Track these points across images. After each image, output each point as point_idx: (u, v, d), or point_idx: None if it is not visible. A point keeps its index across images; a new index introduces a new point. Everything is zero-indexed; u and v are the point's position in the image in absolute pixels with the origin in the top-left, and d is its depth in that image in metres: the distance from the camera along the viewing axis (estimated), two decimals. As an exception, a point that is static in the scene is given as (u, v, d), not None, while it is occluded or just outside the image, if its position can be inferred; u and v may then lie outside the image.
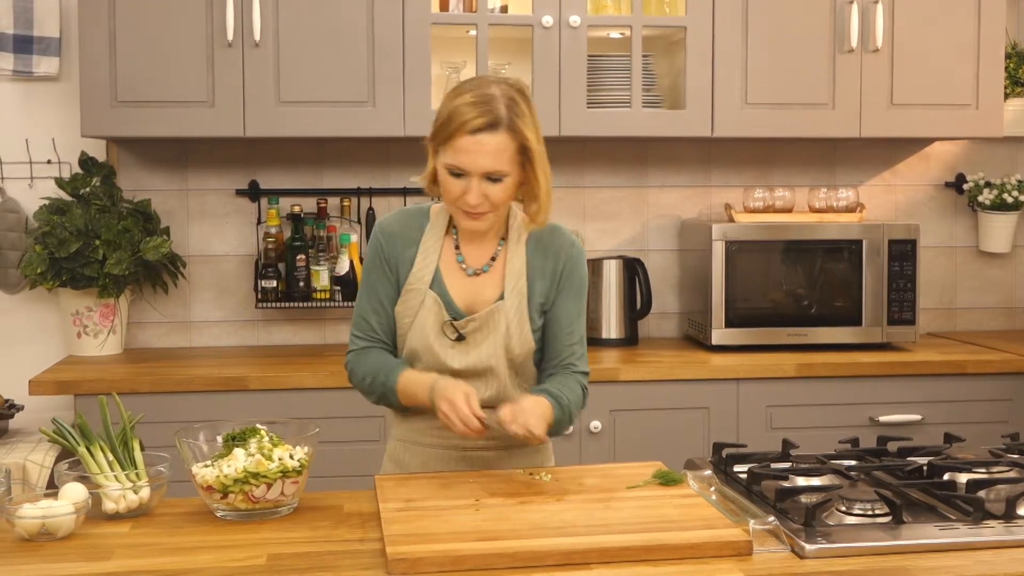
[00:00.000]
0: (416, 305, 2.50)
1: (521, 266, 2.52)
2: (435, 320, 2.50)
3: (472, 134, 2.34)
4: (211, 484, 2.15)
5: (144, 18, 3.76)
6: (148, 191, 4.17)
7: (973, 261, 4.58)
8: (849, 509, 2.12)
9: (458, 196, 2.39)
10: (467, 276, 2.53)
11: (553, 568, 1.89)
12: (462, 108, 2.35)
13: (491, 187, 2.38)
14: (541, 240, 2.55)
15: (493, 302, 2.51)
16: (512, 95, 2.39)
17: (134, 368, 3.80)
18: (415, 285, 2.51)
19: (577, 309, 2.57)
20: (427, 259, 2.52)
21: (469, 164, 2.36)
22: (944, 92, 4.11)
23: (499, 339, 2.49)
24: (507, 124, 2.36)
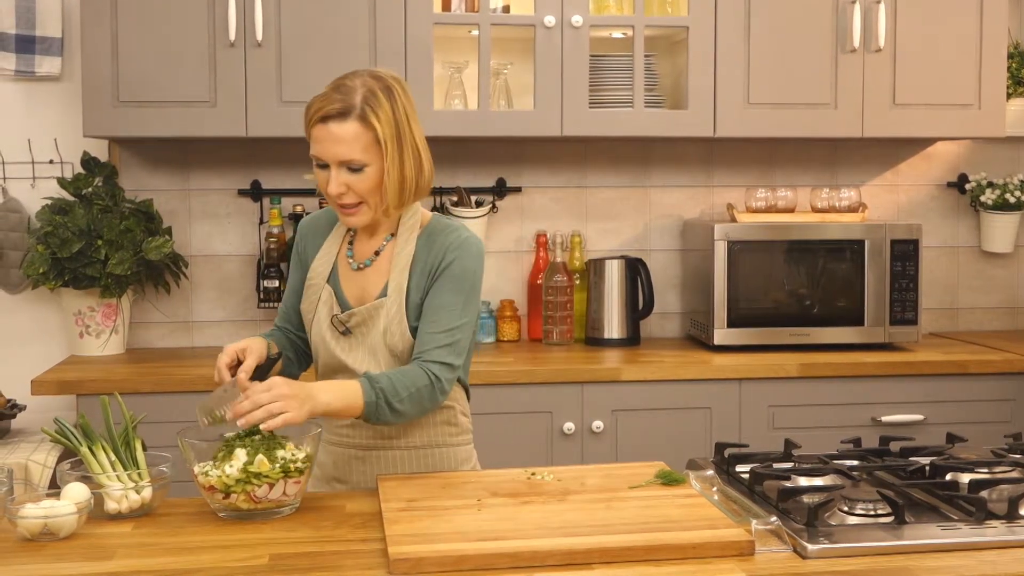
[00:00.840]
0: (315, 300, 2.55)
1: (406, 262, 2.49)
2: (328, 313, 2.53)
3: (323, 122, 2.37)
4: (213, 484, 2.15)
5: (146, 18, 3.76)
6: (150, 191, 4.17)
7: (975, 261, 4.58)
8: (851, 509, 2.12)
9: (324, 187, 2.42)
10: (352, 270, 2.54)
11: (555, 568, 1.89)
12: (317, 98, 2.39)
13: (351, 177, 2.39)
14: (431, 236, 2.52)
15: (377, 297, 2.51)
16: (373, 87, 2.40)
17: (136, 368, 3.80)
18: (314, 280, 2.56)
19: (448, 301, 2.45)
20: (327, 254, 2.57)
21: (322, 152, 2.39)
22: (946, 92, 4.11)
23: (379, 335, 2.48)
24: (358, 113, 2.37)
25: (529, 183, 4.35)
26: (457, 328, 2.45)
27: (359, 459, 2.53)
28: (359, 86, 2.40)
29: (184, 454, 2.22)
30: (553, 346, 4.18)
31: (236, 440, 2.21)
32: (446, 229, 2.53)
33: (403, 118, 2.42)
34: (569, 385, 3.74)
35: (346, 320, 2.50)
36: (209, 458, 2.20)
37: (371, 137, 2.38)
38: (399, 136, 2.40)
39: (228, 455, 2.17)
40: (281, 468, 2.16)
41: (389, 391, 2.33)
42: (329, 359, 2.53)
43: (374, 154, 2.39)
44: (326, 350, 2.52)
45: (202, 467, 2.17)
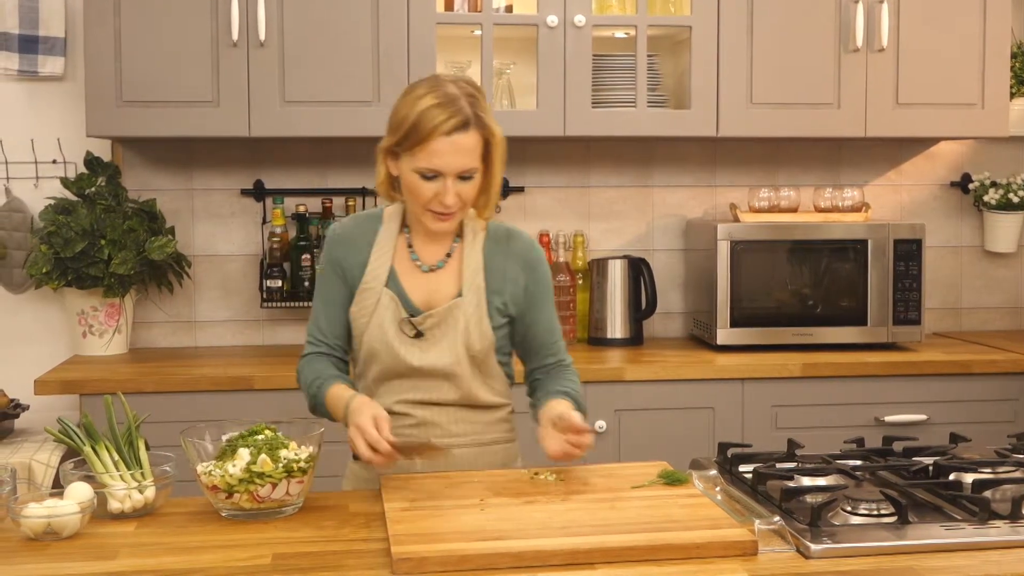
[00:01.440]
0: (372, 304, 2.51)
1: (479, 264, 2.52)
2: (392, 317, 2.50)
3: (447, 135, 2.35)
4: (216, 484, 2.15)
5: (149, 18, 3.76)
6: (153, 191, 4.17)
7: (979, 261, 4.58)
8: (855, 509, 2.12)
9: (430, 199, 2.40)
10: (422, 273, 2.53)
11: (558, 568, 1.89)
12: (431, 111, 2.36)
13: (463, 186, 2.40)
14: (499, 241, 2.56)
15: (451, 298, 2.51)
16: (470, 91, 2.42)
17: (139, 368, 3.80)
18: (370, 284, 2.52)
19: (551, 309, 2.62)
20: (381, 259, 2.53)
21: (445, 165, 2.37)
22: (949, 92, 4.11)
23: (458, 335, 2.49)
24: (475, 121, 2.38)
25: (532, 183, 4.35)
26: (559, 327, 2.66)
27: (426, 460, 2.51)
28: (460, 93, 2.39)
29: (187, 454, 2.22)
30: (556, 346, 4.17)
31: (239, 440, 2.21)
32: (512, 232, 2.59)
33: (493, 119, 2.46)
34: (572, 385, 3.74)
35: (420, 323, 2.49)
36: (212, 458, 2.20)
37: (483, 143, 2.41)
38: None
39: (231, 455, 2.17)
40: (284, 468, 2.16)
41: (581, 400, 2.56)
42: (394, 363, 2.51)
43: (481, 159, 2.42)
44: (390, 354, 2.50)
45: (205, 467, 2.18)
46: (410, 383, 2.52)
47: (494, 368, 2.57)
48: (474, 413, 2.56)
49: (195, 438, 2.24)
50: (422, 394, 2.52)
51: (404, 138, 2.38)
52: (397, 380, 2.53)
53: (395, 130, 2.41)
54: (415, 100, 2.39)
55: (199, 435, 2.26)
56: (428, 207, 2.42)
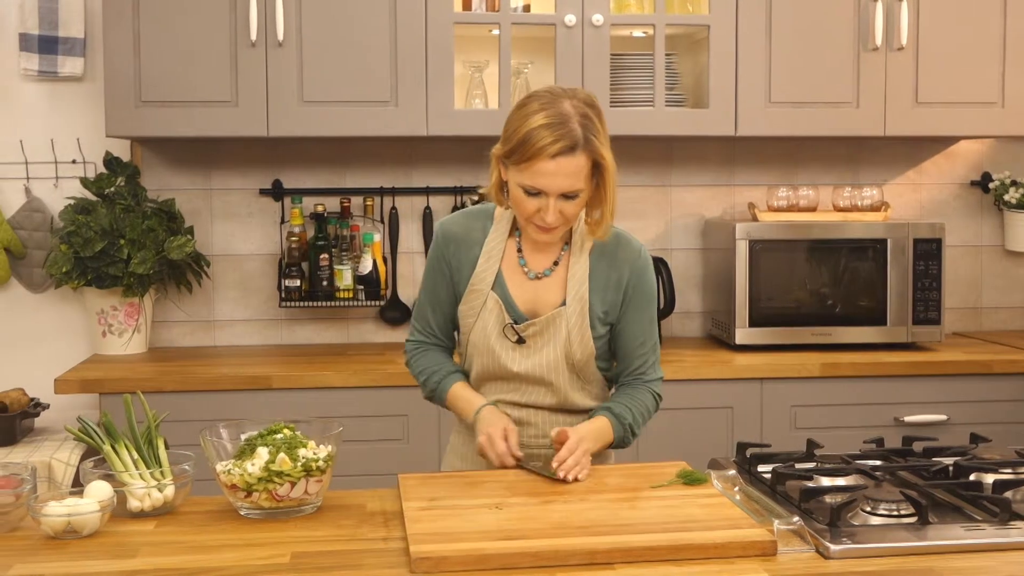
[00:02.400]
0: (478, 306, 2.53)
1: (584, 273, 2.53)
2: (496, 322, 2.52)
3: (552, 158, 2.33)
4: (235, 483, 2.15)
5: (168, 18, 3.78)
6: (172, 191, 4.19)
7: (999, 260, 4.56)
8: (874, 509, 2.11)
9: (532, 213, 2.41)
10: (528, 280, 2.54)
11: (577, 567, 1.88)
12: (539, 132, 2.33)
13: (566, 204, 2.40)
14: (606, 249, 2.55)
15: (555, 307, 2.52)
16: (585, 111, 2.39)
17: (158, 367, 3.81)
18: (477, 286, 2.53)
19: (648, 318, 2.60)
20: (489, 261, 2.53)
21: (548, 186, 2.36)
22: (969, 90, 4.09)
23: (560, 344, 2.51)
24: (584, 144, 2.36)
25: (550, 182, 4.34)
26: (658, 341, 2.64)
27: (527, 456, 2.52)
28: (574, 113, 2.37)
29: (206, 452, 2.22)
30: (574, 345, 4.17)
31: (258, 439, 2.21)
32: (621, 238, 2.57)
33: (608, 135, 2.44)
34: (590, 384, 3.74)
35: (523, 330, 2.51)
36: (231, 457, 2.21)
37: (592, 164, 2.39)
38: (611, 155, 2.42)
39: (250, 454, 2.18)
40: (303, 467, 2.16)
41: (634, 423, 2.57)
42: (494, 367, 2.54)
43: (589, 180, 2.40)
44: (492, 358, 2.53)
45: (224, 465, 2.18)
46: (509, 385, 2.56)
47: (593, 374, 2.59)
48: (570, 417, 2.59)
49: (214, 437, 2.24)
50: (520, 396, 2.56)
51: (512, 151, 2.37)
52: (497, 381, 2.57)
53: (506, 141, 2.40)
54: (527, 116, 2.36)
55: (218, 434, 2.26)
56: (530, 220, 2.43)
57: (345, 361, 3.88)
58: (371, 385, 3.68)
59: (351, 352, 4.08)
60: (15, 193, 4.12)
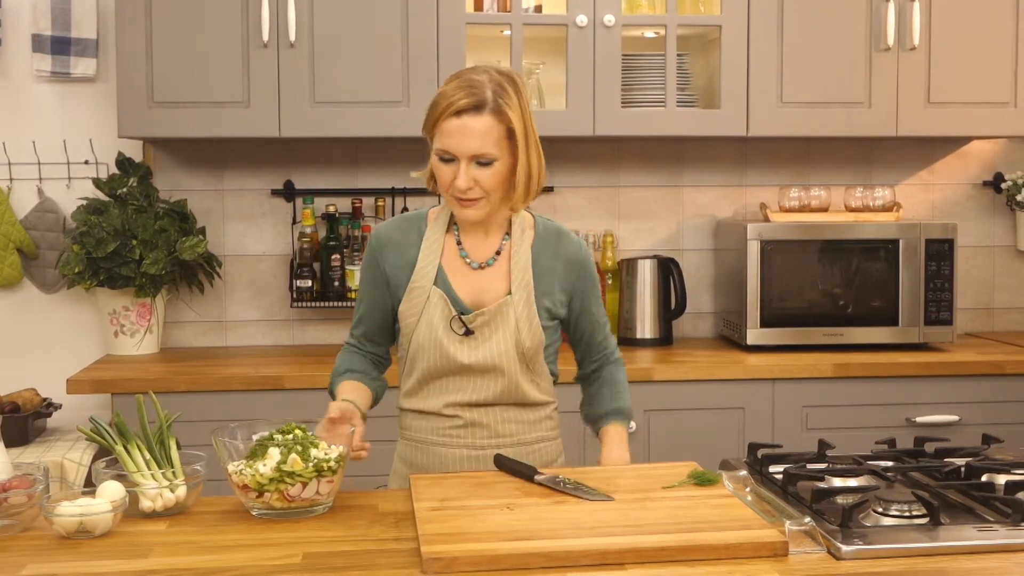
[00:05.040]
0: (421, 303, 2.51)
1: (527, 262, 2.53)
2: (442, 316, 2.50)
3: (457, 115, 2.36)
4: (247, 483, 2.15)
5: (180, 19, 3.79)
6: (184, 191, 4.20)
7: (1011, 260, 4.54)
8: (886, 510, 2.11)
9: (449, 182, 2.41)
10: (472, 270, 2.53)
11: (588, 568, 1.88)
12: (447, 91, 2.38)
13: (480, 171, 2.39)
14: (547, 240, 2.57)
15: (500, 297, 2.51)
16: (500, 81, 2.41)
17: (170, 367, 3.82)
18: (419, 283, 2.51)
19: (598, 302, 2.67)
20: (429, 258, 2.52)
21: (455, 146, 2.37)
22: (982, 90, 4.08)
23: (509, 332, 2.50)
24: (492, 107, 2.37)
25: (561, 183, 4.34)
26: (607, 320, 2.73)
27: (473, 459, 2.54)
28: (487, 81, 2.39)
29: (218, 453, 2.23)
30: (585, 346, 4.17)
31: (269, 439, 2.22)
32: (561, 232, 2.60)
33: (528, 113, 2.44)
34: (601, 385, 3.74)
35: (471, 320, 2.50)
36: (243, 457, 2.21)
37: (503, 131, 2.39)
38: (527, 130, 2.42)
39: (262, 454, 2.18)
40: (314, 467, 2.16)
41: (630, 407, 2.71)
42: (443, 362, 2.51)
43: (504, 148, 2.40)
44: (440, 353, 2.50)
45: (236, 466, 2.18)
46: (458, 382, 2.53)
47: (541, 367, 2.59)
48: (521, 412, 2.57)
49: (226, 437, 2.24)
50: (470, 394, 2.53)
51: (427, 119, 2.42)
52: (445, 379, 2.53)
53: (427, 113, 2.43)
54: (445, 84, 2.42)
55: (230, 435, 2.26)
56: (448, 191, 2.43)
57: (356, 361, 3.88)
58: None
59: (362, 352, 4.08)
60: (28, 194, 4.14)
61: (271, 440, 2.22)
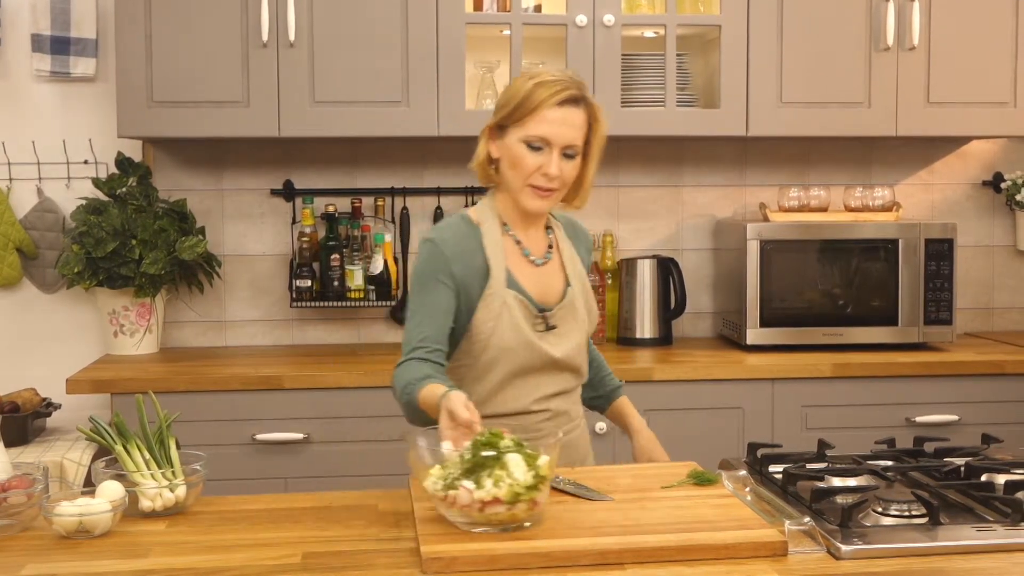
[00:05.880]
0: (498, 307, 2.48)
1: (572, 252, 2.63)
2: (524, 316, 2.50)
3: (560, 105, 2.42)
4: (497, 496, 1.96)
5: (180, 19, 3.78)
6: (184, 191, 4.20)
7: (1011, 260, 4.54)
8: (885, 510, 2.11)
9: (533, 170, 2.44)
10: (535, 267, 2.56)
11: (587, 568, 1.88)
12: (546, 83, 2.43)
13: (564, 163, 2.45)
14: (570, 230, 2.69)
15: (561, 289, 2.58)
16: (581, 80, 2.51)
17: (170, 367, 3.82)
18: (494, 289, 2.48)
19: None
20: (497, 262, 2.50)
21: (554, 135, 2.42)
22: (981, 90, 4.08)
23: (579, 322, 2.58)
24: (585, 101, 2.47)
25: (561, 182, 4.34)
26: None
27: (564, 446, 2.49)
28: (578, 80, 2.50)
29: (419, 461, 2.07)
30: (585, 346, 4.17)
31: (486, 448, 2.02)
32: (574, 219, 2.74)
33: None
34: (601, 385, 3.74)
35: (551, 317, 2.54)
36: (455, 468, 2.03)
37: (587, 126, 2.49)
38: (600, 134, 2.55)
39: (495, 465, 1.99)
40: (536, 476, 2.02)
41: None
42: (535, 360, 2.51)
43: (581, 146, 2.49)
44: (532, 352, 2.50)
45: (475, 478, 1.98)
46: (546, 376, 2.55)
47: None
48: (577, 393, 2.69)
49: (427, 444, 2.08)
50: (555, 386, 2.57)
51: (515, 109, 2.44)
52: (532, 376, 2.52)
53: (504, 106, 2.46)
54: (528, 78, 2.46)
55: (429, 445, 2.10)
56: (529, 181, 2.45)
57: (356, 361, 3.88)
58: (382, 385, 3.67)
59: (362, 352, 4.08)
60: (27, 193, 4.14)
61: (485, 448, 2.02)
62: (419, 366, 2.42)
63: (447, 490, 1.99)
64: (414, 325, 2.47)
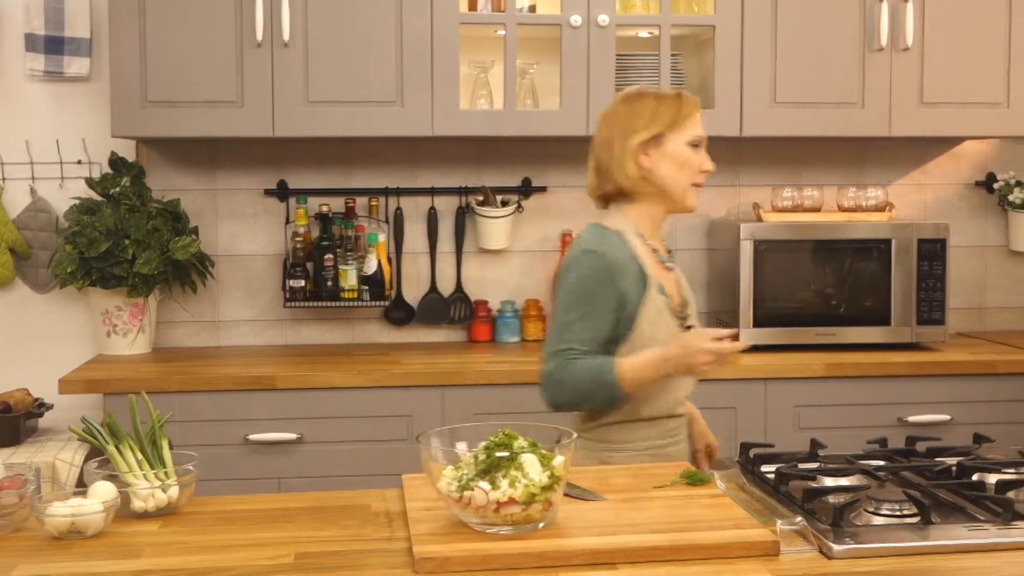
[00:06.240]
0: (655, 313, 2.66)
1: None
2: (674, 318, 2.70)
3: (698, 108, 2.75)
4: (513, 496, 1.95)
5: (174, 19, 3.78)
6: (177, 191, 4.19)
7: (1003, 260, 4.55)
8: (877, 510, 2.11)
9: (697, 166, 2.73)
10: (668, 271, 2.78)
11: (580, 567, 1.89)
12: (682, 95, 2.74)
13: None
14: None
15: (680, 288, 2.81)
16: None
17: (163, 367, 3.82)
18: (651, 296, 2.66)
19: None
20: (650, 269, 2.68)
21: (703, 131, 2.74)
22: (974, 91, 4.09)
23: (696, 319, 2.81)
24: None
25: (555, 183, 4.35)
26: None
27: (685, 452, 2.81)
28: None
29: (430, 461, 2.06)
30: (578, 346, 4.17)
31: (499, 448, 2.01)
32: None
33: None
34: (594, 385, 3.74)
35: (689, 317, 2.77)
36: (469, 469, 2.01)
37: None
38: None
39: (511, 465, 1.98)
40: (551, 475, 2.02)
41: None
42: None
43: None
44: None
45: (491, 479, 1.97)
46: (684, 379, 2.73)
47: None
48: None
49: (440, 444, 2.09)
50: (689, 387, 2.79)
51: (672, 119, 2.69)
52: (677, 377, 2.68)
53: (654, 121, 2.68)
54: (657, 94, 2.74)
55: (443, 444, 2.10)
56: (694, 180, 2.73)
57: (350, 361, 3.88)
58: (376, 385, 3.69)
59: (356, 352, 4.08)
60: (21, 193, 4.13)
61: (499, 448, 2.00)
62: (590, 357, 2.59)
63: (462, 491, 1.98)
64: (577, 328, 2.60)
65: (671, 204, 2.73)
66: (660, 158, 2.68)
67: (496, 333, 4.28)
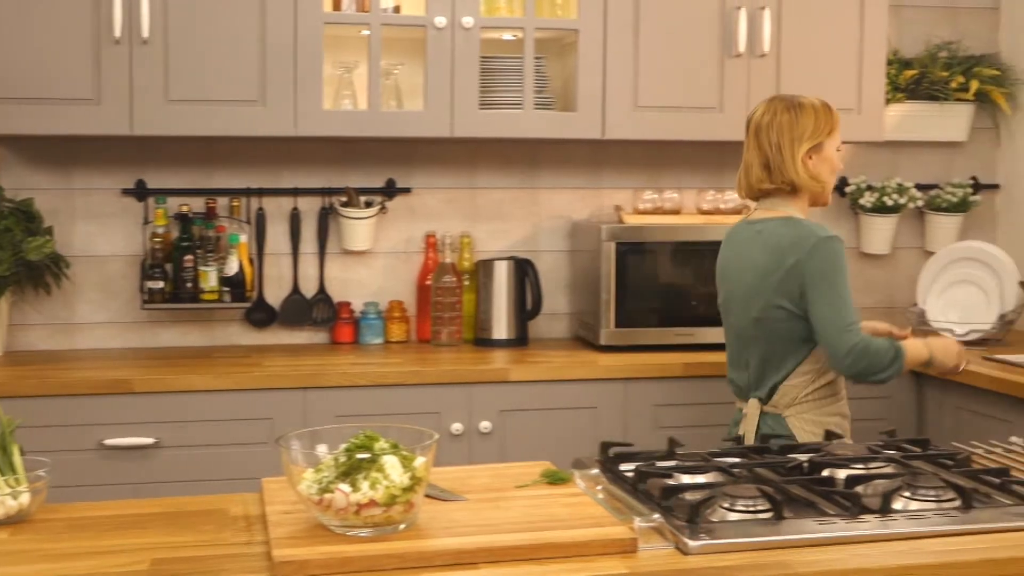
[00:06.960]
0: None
1: None
2: None
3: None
4: (373, 498, 1.94)
5: (26, 12, 3.68)
6: (31, 190, 4.08)
7: (855, 262, 4.68)
8: (732, 506, 2.16)
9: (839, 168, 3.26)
10: None
11: (442, 568, 1.89)
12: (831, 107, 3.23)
13: None
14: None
15: None
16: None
17: (15, 371, 3.71)
18: None
19: None
20: None
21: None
22: (829, 96, 4.11)
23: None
24: None
25: (419, 184, 4.35)
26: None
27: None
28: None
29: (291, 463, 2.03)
30: (441, 347, 4.18)
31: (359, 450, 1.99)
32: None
33: None
34: (457, 386, 3.75)
35: None
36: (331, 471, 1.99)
37: None
38: None
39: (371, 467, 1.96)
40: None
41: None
42: None
43: None
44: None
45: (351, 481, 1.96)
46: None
47: None
48: None
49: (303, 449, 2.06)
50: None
51: (830, 129, 3.19)
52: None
53: (820, 128, 3.17)
54: (813, 105, 3.20)
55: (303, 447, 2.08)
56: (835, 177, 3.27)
57: (209, 364, 3.83)
58: (236, 388, 3.64)
59: (216, 355, 4.02)
60: None
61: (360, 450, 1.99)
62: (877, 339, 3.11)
63: (322, 493, 1.97)
64: (850, 306, 3.13)
65: (819, 199, 3.25)
66: (820, 162, 3.19)
67: (359, 335, 4.26)
